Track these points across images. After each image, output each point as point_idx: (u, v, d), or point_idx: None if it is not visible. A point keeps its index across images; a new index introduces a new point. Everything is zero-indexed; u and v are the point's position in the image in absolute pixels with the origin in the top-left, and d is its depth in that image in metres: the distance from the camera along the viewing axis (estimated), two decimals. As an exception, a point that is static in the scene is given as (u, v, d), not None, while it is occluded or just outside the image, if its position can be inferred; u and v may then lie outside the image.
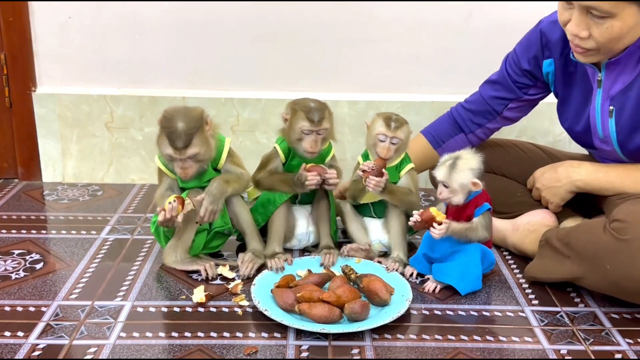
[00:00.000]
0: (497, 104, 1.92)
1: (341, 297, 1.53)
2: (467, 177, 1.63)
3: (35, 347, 1.44)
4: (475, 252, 1.67)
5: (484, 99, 1.94)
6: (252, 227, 1.82)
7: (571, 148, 2.33)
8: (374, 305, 1.57)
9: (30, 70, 2.32)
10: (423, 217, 1.63)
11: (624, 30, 1.49)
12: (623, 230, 1.48)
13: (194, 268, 1.76)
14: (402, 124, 1.78)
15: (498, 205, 1.86)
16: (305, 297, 1.52)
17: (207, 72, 2.35)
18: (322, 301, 1.52)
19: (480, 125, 1.97)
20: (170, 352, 1.43)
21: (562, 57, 1.76)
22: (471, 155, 1.66)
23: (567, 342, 1.50)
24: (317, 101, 1.79)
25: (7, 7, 2.24)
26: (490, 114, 1.94)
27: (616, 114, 1.65)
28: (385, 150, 1.76)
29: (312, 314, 1.49)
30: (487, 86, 1.96)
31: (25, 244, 1.93)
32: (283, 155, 1.84)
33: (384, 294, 1.56)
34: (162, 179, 1.78)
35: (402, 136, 1.77)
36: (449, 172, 1.64)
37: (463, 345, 1.48)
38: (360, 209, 1.91)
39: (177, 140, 1.61)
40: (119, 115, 2.35)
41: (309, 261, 1.79)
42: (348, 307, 1.50)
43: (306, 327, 1.47)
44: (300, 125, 1.75)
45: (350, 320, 1.51)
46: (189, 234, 1.75)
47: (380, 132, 1.77)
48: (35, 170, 2.42)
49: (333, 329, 1.46)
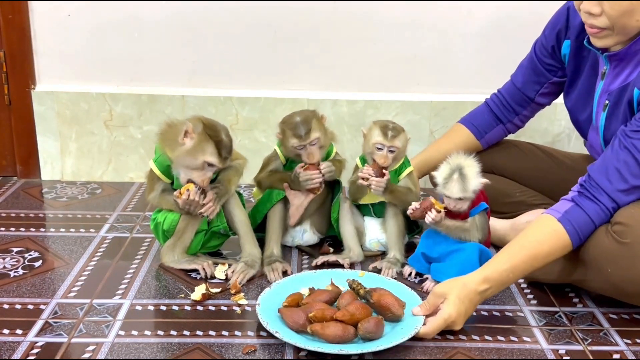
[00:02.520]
0: (530, 90, 1.94)
1: (355, 315, 1.44)
2: (478, 181, 1.63)
3: (33, 344, 1.44)
4: (473, 252, 1.67)
5: (516, 86, 1.96)
6: (246, 229, 1.80)
7: (569, 148, 2.34)
8: (386, 321, 1.49)
9: (29, 68, 2.32)
10: (423, 205, 1.65)
11: (635, 4, 1.50)
12: (624, 233, 1.48)
13: (192, 267, 1.75)
14: (399, 132, 1.78)
15: (497, 205, 1.86)
16: (317, 317, 1.44)
17: (206, 70, 2.35)
18: (335, 320, 1.44)
19: (517, 114, 1.99)
20: (168, 351, 1.43)
21: (577, 41, 1.77)
22: (469, 160, 1.64)
23: (565, 342, 1.50)
24: (303, 113, 1.79)
25: (7, 5, 2.24)
26: (524, 100, 1.96)
27: (609, 109, 1.66)
28: (383, 159, 1.77)
29: (325, 334, 1.41)
30: (518, 73, 1.98)
31: (24, 242, 1.92)
32: (283, 158, 1.85)
33: (396, 309, 1.49)
34: (155, 184, 1.75)
35: (400, 144, 1.77)
36: (462, 185, 1.61)
37: (461, 344, 1.48)
38: (360, 208, 1.91)
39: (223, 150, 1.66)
40: (117, 113, 2.35)
41: (311, 276, 1.70)
42: (362, 327, 1.42)
43: (322, 349, 1.39)
44: (291, 143, 1.76)
45: (365, 339, 1.44)
46: (188, 234, 1.75)
47: (377, 141, 1.77)
48: (34, 168, 2.42)
49: (351, 349, 1.39)
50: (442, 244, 1.69)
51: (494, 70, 2.31)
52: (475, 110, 2.06)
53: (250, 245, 1.79)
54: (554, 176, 1.96)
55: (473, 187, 1.63)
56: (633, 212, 1.50)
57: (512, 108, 1.98)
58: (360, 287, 1.54)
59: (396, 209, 1.82)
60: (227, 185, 1.74)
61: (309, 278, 1.69)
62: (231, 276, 1.72)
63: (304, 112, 1.80)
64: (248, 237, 1.80)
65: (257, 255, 1.79)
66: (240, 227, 1.80)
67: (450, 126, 2.36)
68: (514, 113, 1.99)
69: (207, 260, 1.77)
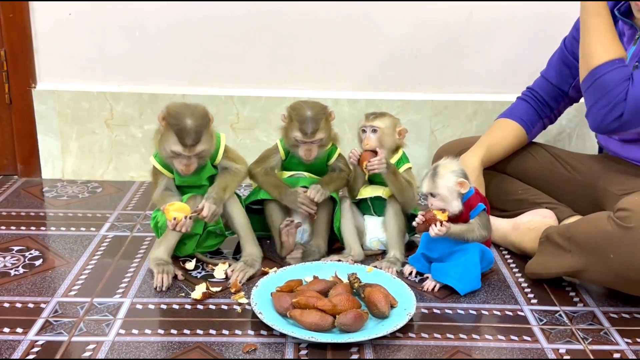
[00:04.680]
0: (564, 83, 1.97)
1: (337, 306, 1.49)
2: (451, 179, 1.64)
3: (34, 343, 1.44)
4: (474, 252, 1.67)
5: (550, 82, 1.99)
6: (246, 229, 1.80)
7: (571, 147, 2.34)
8: (373, 316, 1.53)
9: (30, 67, 2.32)
10: (426, 217, 1.64)
11: None
12: (627, 218, 1.49)
13: (155, 272, 1.70)
14: (384, 115, 1.80)
15: (499, 202, 1.86)
16: (300, 304, 1.49)
17: (207, 69, 2.35)
18: (317, 309, 1.48)
19: (552, 109, 2.02)
20: (169, 350, 1.43)
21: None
22: (449, 161, 1.67)
23: (565, 341, 1.50)
24: (314, 108, 1.77)
25: (8, 4, 2.24)
26: (559, 95, 1.99)
27: (636, 73, 1.67)
28: (367, 140, 1.78)
29: (302, 321, 1.46)
30: (550, 69, 2.00)
31: (25, 241, 1.93)
32: (283, 153, 1.85)
33: (382, 306, 1.52)
34: (159, 180, 1.77)
35: (382, 125, 1.78)
36: (432, 181, 1.64)
37: (462, 344, 1.48)
38: (360, 206, 1.91)
39: (187, 138, 1.61)
40: (118, 113, 2.35)
41: (318, 266, 1.74)
42: (338, 319, 1.46)
43: (295, 334, 1.43)
44: (294, 135, 1.76)
45: (341, 331, 1.47)
46: (173, 235, 1.74)
47: (360, 125, 1.80)
48: (35, 167, 2.42)
49: (322, 338, 1.42)
50: (442, 244, 1.68)
51: (495, 70, 2.31)
52: (516, 106, 2.05)
53: (250, 245, 1.79)
54: (557, 175, 1.97)
55: (445, 184, 1.63)
56: (637, 199, 1.52)
57: (548, 103, 2.01)
58: (356, 281, 1.59)
59: (397, 207, 1.81)
60: (221, 194, 1.72)
61: (315, 267, 1.73)
62: (231, 275, 1.72)
63: (315, 105, 1.79)
64: (248, 238, 1.80)
65: (257, 255, 1.79)
66: (240, 228, 1.80)
67: (450, 126, 2.37)
68: (549, 108, 2.01)
69: (171, 272, 1.71)
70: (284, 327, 1.45)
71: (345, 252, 1.84)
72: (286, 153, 1.85)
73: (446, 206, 1.65)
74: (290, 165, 1.86)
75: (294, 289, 1.59)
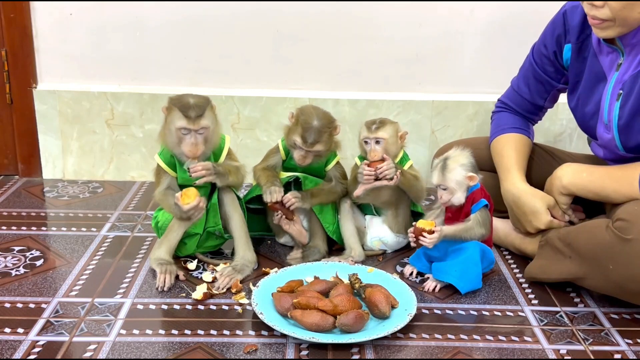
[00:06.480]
0: (538, 98, 1.93)
1: (338, 307, 1.49)
2: (460, 173, 1.65)
3: (35, 343, 1.44)
4: (474, 251, 1.67)
5: (524, 97, 1.94)
6: (241, 231, 1.79)
7: (571, 148, 2.34)
8: (374, 316, 1.54)
9: (31, 67, 2.32)
10: (415, 233, 1.66)
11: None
12: (626, 229, 1.48)
13: (158, 271, 1.71)
14: (385, 124, 1.78)
15: (500, 203, 1.86)
16: (301, 304, 1.49)
17: (208, 69, 2.34)
18: (318, 309, 1.48)
19: (534, 118, 1.99)
20: (170, 350, 1.43)
21: (579, 42, 1.77)
22: (459, 152, 1.68)
23: (566, 342, 1.50)
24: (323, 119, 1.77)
25: (9, 4, 2.24)
26: (536, 108, 1.95)
27: (623, 98, 1.65)
28: (372, 153, 1.77)
29: (303, 321, 1.46)
30: (521, 84, 1.94)
31: (26, 241, 1.93)
32: (284, 153, 1.85)
33: (383, 307, 1.52)
34: (161, 178, 1.77)
35: (385, 135, 1.77)
36: (442, 174, 1.65)
37: (462, 344, 1.48)
38: (361, 205, 1.91)
39: (190, 110, 1.66)
40: (119, 112, 2.35)
41: (319, 267, 1.74)
42: (339, 319, 1.46)
43: (296, 335, 1.44)
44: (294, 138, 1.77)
45: (342, 331, 1.47)
46: (175, 234, 1.74)
47: (363, 136, 1.79)
48: (36, 167, 2.42)
49: (323, 338, 1.43)
50: (443, 243, 1.68)
51: (496, 70, 2.31)
52: (500, 121, 1.99)
53: (244, 249, 1.78)
54: None
55: (454, 178, 1.64)
56: (636, 208, 1.51)
57: (529, 115, 1.97)
58: (357, 281, 1.60)
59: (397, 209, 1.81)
60: (225, 168, 1.73)
61: (316, 268, 1.73)
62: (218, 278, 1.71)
63: (325, 117, 1.78)
64: (242, 240, 1.79)
65: (249, 259, 1.77)
66: (236, 229, 1.79)
67: (451, 126, 2.37)
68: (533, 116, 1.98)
69: (172, 271, 1.71)
70: (284, 328, 1.46)
71: (345, 253, 1.84)
72: (286, 153, 1.85)
73: (452, 198, 1.67)
74: (289, 166, 1.86)
75: (294, 289, 1.59)
